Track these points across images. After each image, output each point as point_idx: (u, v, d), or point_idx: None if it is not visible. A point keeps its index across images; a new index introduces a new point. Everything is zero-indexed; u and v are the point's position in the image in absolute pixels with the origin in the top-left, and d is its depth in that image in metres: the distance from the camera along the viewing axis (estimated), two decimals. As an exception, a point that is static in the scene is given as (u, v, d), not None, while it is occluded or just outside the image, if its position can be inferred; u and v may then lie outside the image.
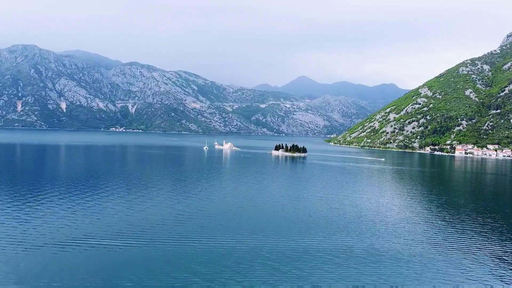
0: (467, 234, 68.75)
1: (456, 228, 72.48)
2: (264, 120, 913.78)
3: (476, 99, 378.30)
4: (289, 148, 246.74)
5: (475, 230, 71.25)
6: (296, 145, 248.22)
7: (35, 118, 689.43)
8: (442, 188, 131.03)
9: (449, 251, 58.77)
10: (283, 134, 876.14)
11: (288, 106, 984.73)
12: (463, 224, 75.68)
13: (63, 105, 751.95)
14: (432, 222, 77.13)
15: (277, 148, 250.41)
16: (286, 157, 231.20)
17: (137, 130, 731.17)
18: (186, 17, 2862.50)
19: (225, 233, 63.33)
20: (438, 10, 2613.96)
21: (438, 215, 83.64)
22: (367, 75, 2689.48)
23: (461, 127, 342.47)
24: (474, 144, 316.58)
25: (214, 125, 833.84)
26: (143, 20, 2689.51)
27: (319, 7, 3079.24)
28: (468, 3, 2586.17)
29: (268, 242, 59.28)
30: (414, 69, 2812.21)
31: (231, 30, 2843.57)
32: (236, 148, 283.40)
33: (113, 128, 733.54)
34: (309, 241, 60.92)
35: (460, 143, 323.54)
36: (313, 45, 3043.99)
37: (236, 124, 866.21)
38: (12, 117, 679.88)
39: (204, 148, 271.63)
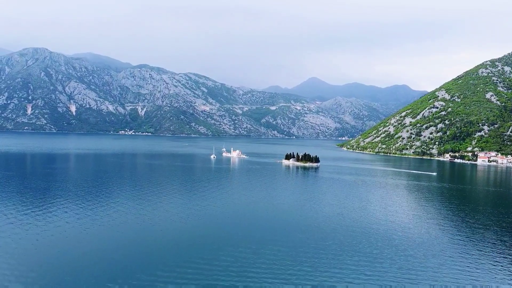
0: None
1: None
2: (274, 122, 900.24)
3: (498, 102, 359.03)
4: (300, 157, 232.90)
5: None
6: (308, 154, 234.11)
7: (45, 121, 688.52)
8: None
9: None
10: (294, 137, 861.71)
11: (298, 108, 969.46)
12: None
13: (73, 108, 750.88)
14: None
15: (288, 157, 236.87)
16: (297, 167, 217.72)
17: (146, 133, 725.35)
18: (196, 20, 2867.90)
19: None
20: (450, 10, 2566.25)
21: None
22: (379, 76, 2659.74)
23: (482, 133, 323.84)
24: (497, 151, 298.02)
25: (223, 128, 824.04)
26: (153, 22, 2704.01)
27: (329, 8, 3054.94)
28: (480, 3, 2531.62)
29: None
30: (426, 70, 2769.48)
31: (241, 32, 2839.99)
32: (244, 156, 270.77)
33: (122, 131, 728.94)
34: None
35: (482, 150, 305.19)
36: (323, 46, 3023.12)
37: (246, 126, 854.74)
38: (22, 120, 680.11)
39: (212, 156, 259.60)
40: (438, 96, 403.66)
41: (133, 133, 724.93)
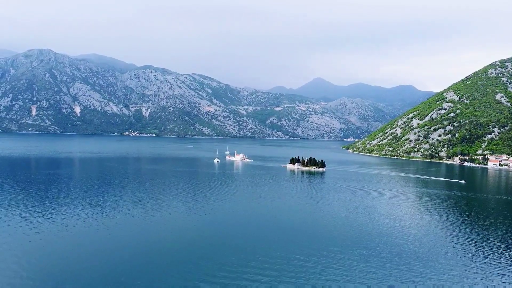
0: None
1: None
2: (279, 123, 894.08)
3: (508, 104, 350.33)
4: (305, 161, 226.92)
5: None
6: (314, 158, 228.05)
7: (49, 123, 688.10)
8: None
9: None
10: (299, 138, 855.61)
11: (303, 109, 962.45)
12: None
13: (77, 110, 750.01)
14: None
15: (293, 161, 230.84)
16: (302, 172, 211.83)
17: (151, 135, 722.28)
18: (201, 20, 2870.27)
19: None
20: (455, 10, 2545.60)
21: None
22: (384, 76, 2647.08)
23: (493, 135, 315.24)
24: (508, 154, 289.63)
25: (228, 129, 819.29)
26: (158, 23, 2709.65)
27: (334, 8, 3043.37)
28: (486, 3, 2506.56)
29: None
30: (432, 70, 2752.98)
31: (246, 33, 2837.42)
32: (248, 159, 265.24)
33: (126, 133, 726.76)
34: None
35: (493, 153, 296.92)
36: (328, 47, 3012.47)
37: (251, 127, 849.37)
38: (27, 121, 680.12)
39: (215, 160, 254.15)
40: (446, 97, 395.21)
41: (137, 135, 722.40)
